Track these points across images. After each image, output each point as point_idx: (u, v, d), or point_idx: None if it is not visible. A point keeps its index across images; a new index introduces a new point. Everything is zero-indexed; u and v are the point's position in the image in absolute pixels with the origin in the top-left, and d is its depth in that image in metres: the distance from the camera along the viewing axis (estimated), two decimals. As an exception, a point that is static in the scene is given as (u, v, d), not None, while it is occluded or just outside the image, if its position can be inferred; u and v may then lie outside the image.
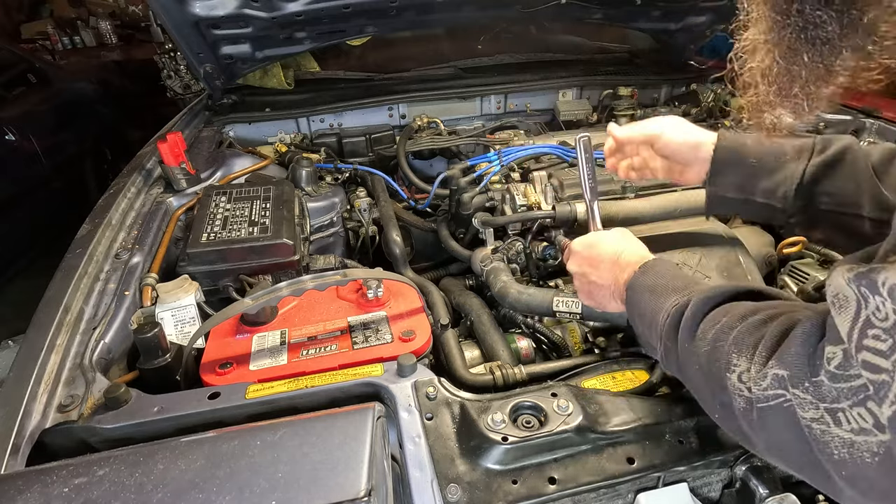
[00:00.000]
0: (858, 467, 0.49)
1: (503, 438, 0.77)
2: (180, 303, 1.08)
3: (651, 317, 0.79)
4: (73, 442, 0.80)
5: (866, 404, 0.48)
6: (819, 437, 0.51)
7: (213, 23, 1.75)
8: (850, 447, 0.49)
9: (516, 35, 2.84)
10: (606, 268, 0.92)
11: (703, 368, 0.68)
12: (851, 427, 0.49)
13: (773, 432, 0.58)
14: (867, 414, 0.48)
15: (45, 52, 5.87)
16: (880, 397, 0.46)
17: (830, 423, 0.51)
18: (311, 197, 1.63)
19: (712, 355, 0.66)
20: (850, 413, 0.49)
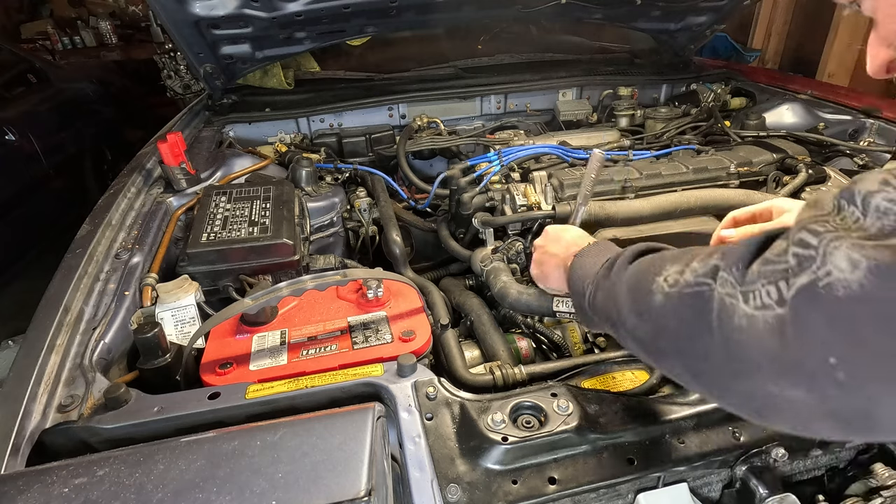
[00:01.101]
0: (744, 341, 0.51)
1: (503, 438, 0.77)
2: (180, 303, 1.08)
3: (585, 272, 0.84)
4: (73, 442, 0.80)
5: (778, 282, 0.50)
6: (725, 310, 0.53)
7: (213, 23, 1.75)
8: (749, 319, 0.51)
9: (516, 35, 2.84)
10: (564, 245, 1.00)
11: (630, 283, 0.70)
12: (755, 304, 0.51)
13: (679, 314, 0.60)
14: (774, 291, 0.50)
15: (45, 52, 5.86)
16: (796, 272, 0.48)
17: (740, 299, 0.52)
18: (311, 197, 1.63)
19: (643, 271, 0.69)
20: (761, 291, 0.51)
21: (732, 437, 0.83)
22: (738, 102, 2.26)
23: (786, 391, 0.50)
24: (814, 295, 0.46)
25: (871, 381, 0.45)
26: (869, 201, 0.46)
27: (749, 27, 4.72)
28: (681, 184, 1.51)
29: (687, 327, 0.59)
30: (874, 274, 0.43)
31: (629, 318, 0.70)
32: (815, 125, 1.94)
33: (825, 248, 0.46)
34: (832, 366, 0.45)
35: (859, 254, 0.44)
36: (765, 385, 0.51)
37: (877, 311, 0.43)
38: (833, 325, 0.45)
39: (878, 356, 0.43)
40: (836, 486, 0.92)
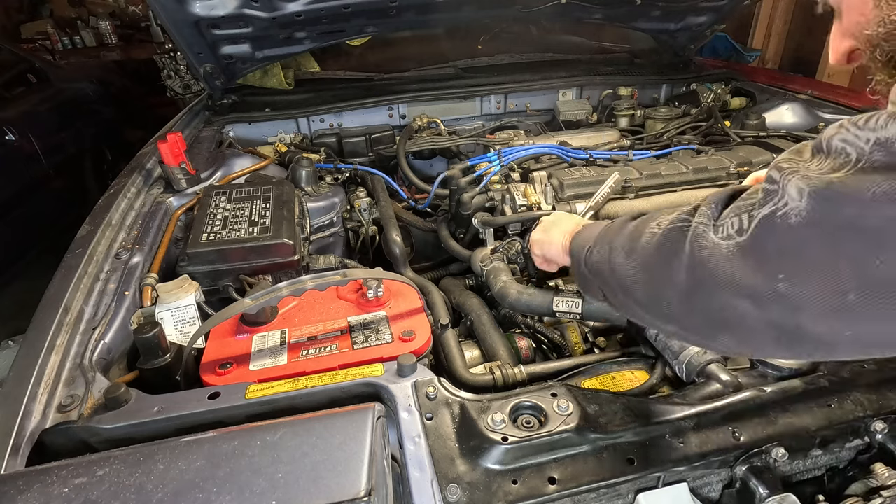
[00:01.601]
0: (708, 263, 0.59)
1: (503, 438, 0.77)
2: (180, 303, 1.08)
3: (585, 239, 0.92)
4: (73, 442, 0.80)
5: (741, 215, 0.57)
6: (698, 237, 0.61)
7: (213, 23, 1.75)
8: (715, 245, 0.59)
9: (516, 35, 2.84)
10: (560, 230, 1.06)
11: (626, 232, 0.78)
12: (721, 235, 0.59)
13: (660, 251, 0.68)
14: (737, 222, 0.58)
15: (45, 52, 5.86)
16: (762, 204, 0.55)
17: (711, 230, 0.61)
18: (311, 197, 1.63)
19: (639, 223, 0.77)
20: (728, 222, 0.59)
21: (732, 437, 0.83)
22: (738, 102, 2.26)
23: (738, 306, 0.57)
24: (772, 223, 0.54)
25: (805, 286, 0.52)
26: (830, 143, 0.53)
27: (749, 27, 4.72)
28: (681, 184, 1.51)
29: (664, 253, 0.67)
30: (812, 198, 0.50)
31: (618, 258, 0.77)
32: (815, 125, 1.94)
33: (784, 181, 0.54)
34: (778, 279, 0.53)
35: (804, 183, 0.51)
36: (721, 303, 0.59)
37: (817, 229, 0.50)
38: (783, 246, 0.53)
39: (814, 266, 0.51)
40: (836, 486, 0.92)
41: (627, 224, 0.82)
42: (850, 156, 0.50)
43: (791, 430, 0.84)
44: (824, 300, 0.51)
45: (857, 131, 0.50)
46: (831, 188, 0.49)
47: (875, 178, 0.47)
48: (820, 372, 0.92)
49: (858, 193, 0.47)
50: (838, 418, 0.86)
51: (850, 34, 0.64)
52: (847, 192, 0.48)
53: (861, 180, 0.48)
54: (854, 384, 0.90)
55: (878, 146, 0.48)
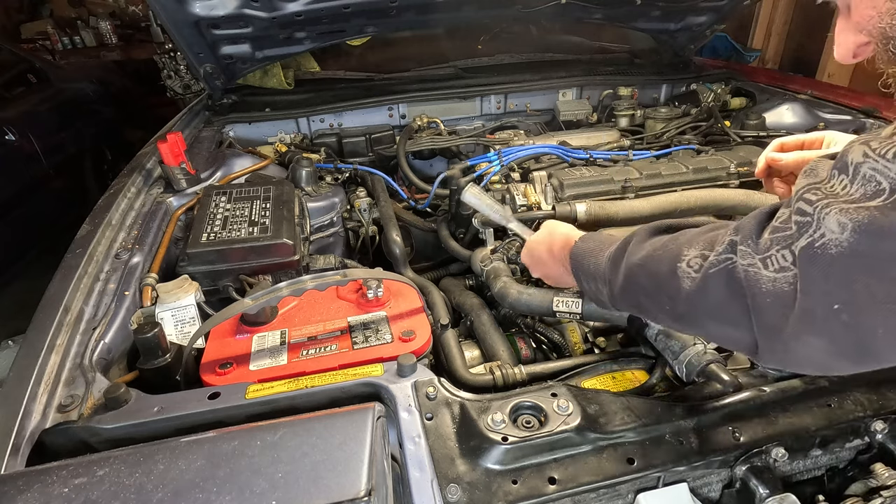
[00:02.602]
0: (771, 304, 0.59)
1: (503, 438, 0.77)
2: (180, 303, 1.08)
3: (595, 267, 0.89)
4: (73, 442, 0.79)
5: (790, 246, 0.58)
6: (752, 279, 0.61)
7: (213, 23, 1.75)
8: (773, 283, 0.59)
9: (516, 35, 2.84)
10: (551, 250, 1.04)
11: (650, 269, 0.76)
12: (774, 268, 0.59)
13: (712, 295, 0.66)
14: (788, 254, 0.58)
15: (45, 52, 5.86)
16: (797, 237, 0.57)
17: (761, 267, 0.60)
18: (311, 197, 1.63)
19: (661, 256, 0.75)
20: (776, 256, 0.59)
21: (732, 437, 0.83)
22: (738, 102, 2.26)
23: (808, 339, 0.58)
24: (812, 255, 0.55)
25: (866, 317, 0.53)
26: (858, 170, 0.54)
27: (749, 27, 4.72)
28: (681, 184, 1.51)
29: (722, 302, 0.65)
30: (857, 232, 0.51)
31: (661, 299, 0.75)
32: (815, 125, 1.94)
33: (818, 213, 0.55)
34: (837, 311, 0.54)
35: (846, 217, 0.52)
36: (793, 337, 0.59)
37: (863, 263, 0.52)
38: (831, 278, 0.54)
39: (868, 296, 0.52)
40: (836, 486, 0.92)
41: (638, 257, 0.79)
42: (881, 185, 0.52)
43: (791, 430, 0.84)
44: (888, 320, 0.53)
45: (887, 163, 0.52)
46: (876, 223, 0.50)
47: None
48: (820, 372, 0.92)
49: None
50: (838, 418, 0.86)
51: (860, 29, 0.64)
52: (887, 225, 0.50)
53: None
54: (854, 384, 0.90)
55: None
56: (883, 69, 0.63)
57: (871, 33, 0.62)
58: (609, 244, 0.89)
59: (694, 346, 0.98)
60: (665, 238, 0.78)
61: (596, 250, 0.91)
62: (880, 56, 0.62)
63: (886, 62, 0.62)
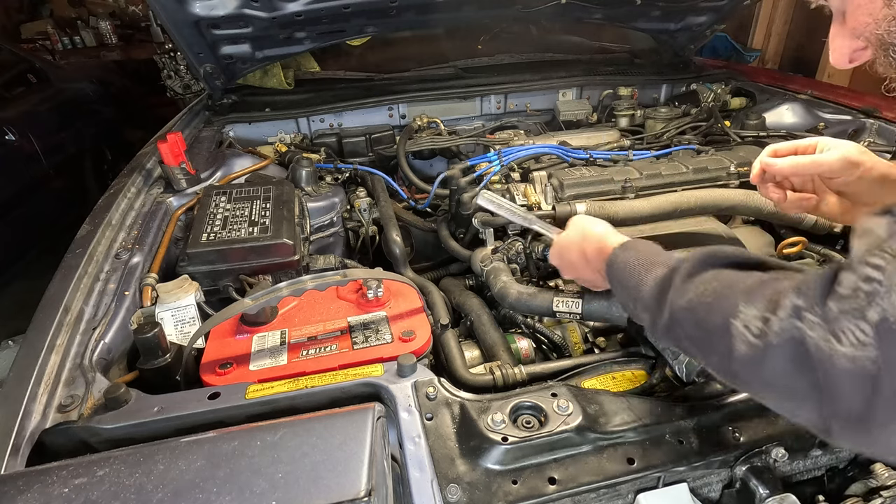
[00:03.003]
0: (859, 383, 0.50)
1: (503, 438, 0.77)
2: (180, 303, 1.08)
3: (636, 289, 0.80)
4: (73, 442, 0.80)
5: (857, 319, 0.50)
6: (825, 355, 0.52)
7: (213, 23, 1.75)
8: (853, 361, 0.50)
9: (516, 35, 2.84)
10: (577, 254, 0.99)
11: (699, 317, 0.68)
12: (851, 341, 0.50)
13: (775, 366, 0.58)
14: (868, 328, 0.49)
15: (45, 52, 5.86)
16: (869, 305, 0.49)
17: (833, 341, 0.51)
18: (311, 197, 1.63)
19: (714, 306, 0.66)
20: (853, 329, 0.50)
21: (732, 437, 0.83)
22: (738, 102, 2.26)
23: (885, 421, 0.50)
24: (889, 331, 0.47)
25: None
26: None
27: (749, 27, 4.72)
28: (681, 184, 1.51)
29: (785, 375, 0.58)
30: None
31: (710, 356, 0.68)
32: (815, 125, 1.94)
33: (890, 281, 0.48)
34: None
35: None
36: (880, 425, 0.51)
37: None
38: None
39: None
40: (836, 486, 0.92)
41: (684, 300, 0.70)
42: None
43: (791, 430, 0.84)
44: None
45: None
46: None
47: None
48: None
49: None
50: (838, 418, 0.86)
51: (857, 35, 0.64)
52: None
53: None
54: (854, 384, 0.90)
55: None
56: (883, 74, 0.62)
57: (869, 39, 0.62)
58: (653, 263, 0.80)
59: (694, 346, 0.98)
60: (716, 280, 0.69)
61: (639, 268, 0.82)
62: (880, 62, 0.61)
63: (886, 67, 0.60)
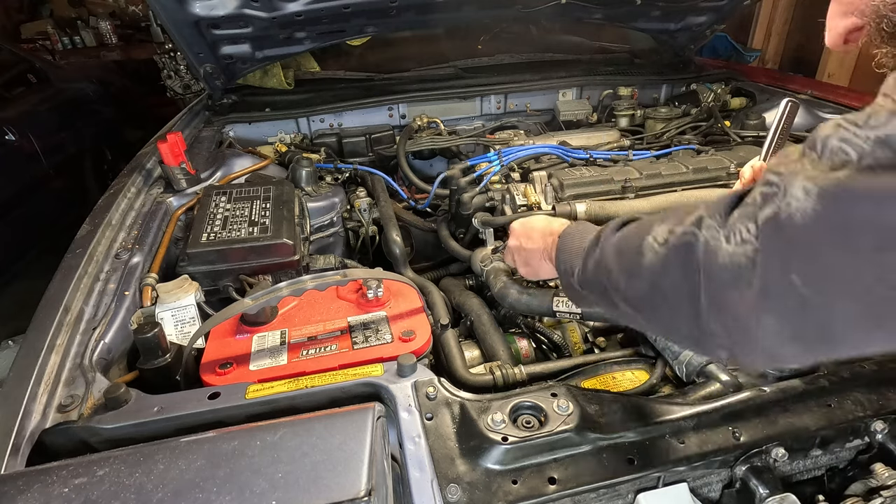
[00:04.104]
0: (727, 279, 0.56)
1: (503, 438, 0.77)
2: (180, 303, 1.08)
3: (572, 251, 0.87)
4: (73, 442, 0.80)
5: (748, 220, 0.55)
6: (710, 253, 0.58)
7: (213, 23, 1.75)
8: (731, 256, 0.56)
9: (516, 35, 2.84)
10: (538, 235, 1.03)
11: (619, 247, 0.74)
12: (735, 241, 0.56)
13: (670, 272, 0.63)
14: (752, 226, 0.55)
15: (45, 52, 5.86)
16: (762, 206, 0.54)
17: (722, 241, 0.57)
18: (311, 197, 1.63)
19: (630, 236, 0.72)
20: (740, 228, 0.56)
21: (732, 437, 0.83)
22: (738, 102, 2.26)
23: (761, 319, 0.55)
24: (778, 223, 0.52)
25: (827, 294, 0.50)
26: (826, 143, 0.52)
27: (749, 27, 4.72)
28: (681, 184, 1.51)
29: (677, 273, 0.62)
30: (822, 198, 0.49)
31: (621, 280, 0.73)
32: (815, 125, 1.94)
33: (785, 183, 0.53)
34: (796, 285, 0.51)
35: (811, 183, 0.50)
36: (743, 317, 0.56)
37: (828, 231, 0.49)
38: (794, 248, 0.51)
39: (832, 270, 0.49)
40: (836, 486, 0.92)
41: (612, 237, 0.78)
42: (849, 155, 0.50)
43: (791, 430, 0.84)
44: (850, 299, 0.49)
45: (857, 129, 0.50)
46: (841, 187, 0.48)
47: (883, 178, 0.47)
48: (820, 372, 0.92)
49: (870, 191, 0.47)
50: (838, 418, 0.86)
51: (852, 10, 0.65)
52: (859, 190, 0.47)
53: (866, 178, 0.47)
54: (854, 384, 0.90)
55: (880, 144, 0.48)
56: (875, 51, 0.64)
57: (864, 13, 0.63)
58: (589, 230, 0.87)
59: (694, 346, 0.98)
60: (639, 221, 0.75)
61: (583, 231, 0.89)
62: (873, 37, 0.63)
63: (880, 42, 0.62)
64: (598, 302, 0.83)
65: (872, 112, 0.50)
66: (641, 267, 0.67)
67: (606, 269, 0.76)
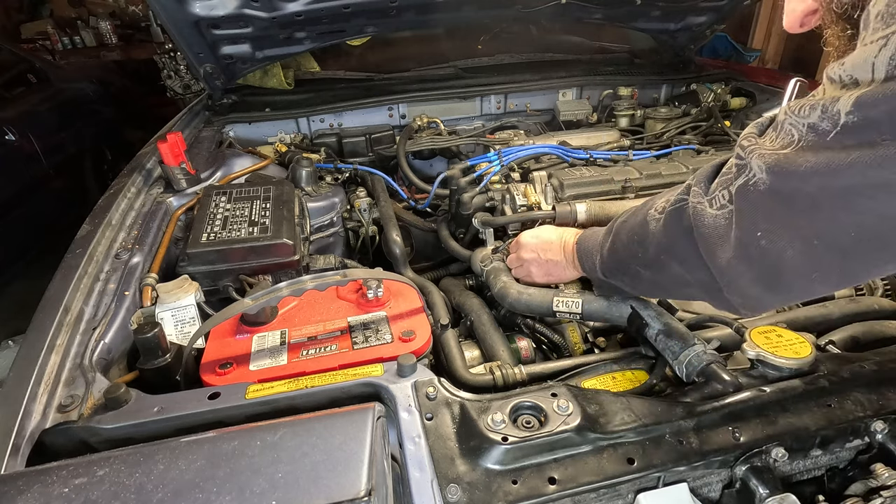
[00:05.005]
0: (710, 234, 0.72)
1: (503, 438, 0.77)
2: (180, 303, 1.08)
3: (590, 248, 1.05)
4: (73, 442, 0.80)
5: (728, 187, 0.70)
6: (699, 215, 0.74)
7: (213, 23, 1.75)
8: (714, 218, 0.72)
9: (516, 35, 2.84)
10: (557, 247, 1.16)
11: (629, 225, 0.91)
12: (717, 206, 0.71)
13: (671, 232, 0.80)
14: (725, 193, 0.70)
15: (45, 52, 5.86)
16: (736, 177, 0.68)
17: (707, 206, 0.73)
18: (311, 197, 1.63)
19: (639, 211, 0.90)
20: (718, 194, 0.71)
21: (732, 437, 0.83)
22: (738, 102, 2.26)
23: (736, 267, 0.70)
24: (745, 191, 0.67)
25: (778, 243, 0.65)
26: (783, 125, 0.64)
27: (749, 27, 4.72)
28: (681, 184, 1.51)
29: (676, 232, 0.79)
30: (770, 172, 0.63)
31: (636, 251, 0.88)
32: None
33: (748, 157, 0.67)
34: (758, 237, 0.66)
35: (762, 160, 0.64)
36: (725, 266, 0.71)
37: (777, 196, 0.64)
38: (757, 211, 0.66)
39: (781, 226, 0.65)
40: (836, 486, 0.92)
41: (620, 222, 0.95)
42: (793, 136, 0.62)
43: (791, 430, 0.84)
44: (793, 248, 0.64)
45: (795, 117, 0.62)
46: (779, 164, 0.62)
47: (807, 156, 0.59)
48: (820, 372, 0.92)
49: (797, 167, 0.60)
50: (838, 418, 0.86)
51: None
52: (789, 167, 0.61)
53: (798, 156, 0.60)
54: (854, 384, 0.90)
55: (809, 129, 0.60)
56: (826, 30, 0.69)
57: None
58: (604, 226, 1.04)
59: (694, 346, 0.98)
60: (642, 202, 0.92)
61: (598, 231, 1.05)
62: (825, 18, 0.69)
63: (830, 22, 0.68)
64: (624, 282, 0.98)
65: (805, 103, 0.61)
66: (648, 233, 0.84)
67: (622, 246, 0.92)
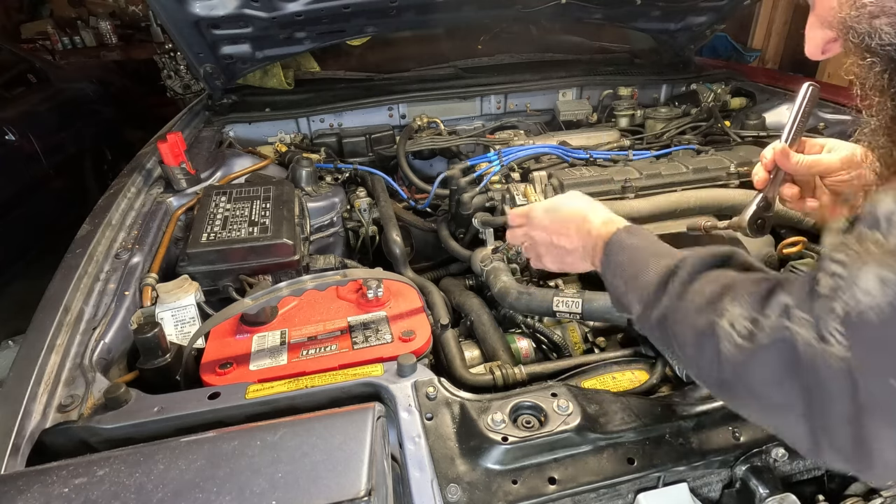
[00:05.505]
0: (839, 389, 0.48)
1: (503, 438, 0.77)
2: (180, 303, 1.08)
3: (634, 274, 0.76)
4: (73, 442, 0.80)
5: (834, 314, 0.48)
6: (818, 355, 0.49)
7: (213, 23, 1.75)
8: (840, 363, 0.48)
9: (516, 35, 2.84)
10: (575, 233, 0.90)
11: (691, 320, 0.64)
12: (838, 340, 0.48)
13: (764, 370, 0.55)
14: (838, 325, 0.48)
15: (45, 52, 5.86)
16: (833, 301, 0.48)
17: (820, 341, 0.49)
18: (311, 197, 1.63)
19: (704, 307, 0.63)
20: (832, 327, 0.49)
21: (732, 437, 0.83)
22: (738, 102, 2.26)
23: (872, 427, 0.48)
24: (856, 325, 0.46)
25: None
26: (892, 220, 0.46)
27: (749, 27, 4.73)
28: (681, 184, 1.51)
29: (773, 380, 0.54)
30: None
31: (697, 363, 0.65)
32: (816, 125, 1.94)
33: (852, 274, 0.46)
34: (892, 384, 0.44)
35: (888, 271, 0.43)
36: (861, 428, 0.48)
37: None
38: (881, 350, 0.45)
39: None
40: (836, 486, 0.92)
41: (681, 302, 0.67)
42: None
43: (791, 430, 0.84)
44: None
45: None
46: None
47: None
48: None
49: None
50: (838, 418, 0.86)
51: (825, 22, 0.66)
52: None
53: None
54: (854, 384, 0.90)
55: None
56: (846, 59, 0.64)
57: (833, 25, 0.64)
58: (659, 254, 0.76)
59: (694, 346, 0.98)
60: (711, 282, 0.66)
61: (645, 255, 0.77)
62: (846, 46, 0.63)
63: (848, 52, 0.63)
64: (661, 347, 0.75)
65: None
66: (721, 356, 0.59)
67: (674, 336, 0.68)
